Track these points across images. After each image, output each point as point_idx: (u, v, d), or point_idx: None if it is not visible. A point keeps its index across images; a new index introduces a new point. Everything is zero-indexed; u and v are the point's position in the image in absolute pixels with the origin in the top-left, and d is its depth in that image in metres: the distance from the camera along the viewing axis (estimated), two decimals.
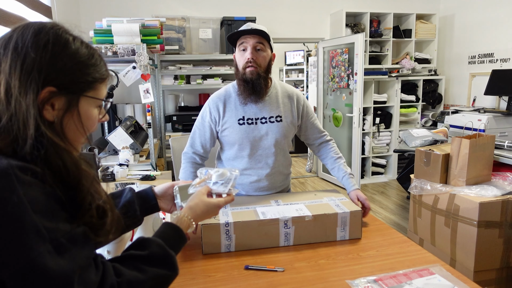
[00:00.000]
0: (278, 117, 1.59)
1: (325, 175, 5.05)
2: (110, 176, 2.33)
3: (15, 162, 0.59)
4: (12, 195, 0.56)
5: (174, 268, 0.77)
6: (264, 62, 1.52)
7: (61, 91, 0.66)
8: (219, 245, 1.26)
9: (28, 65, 0.63)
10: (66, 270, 0.57)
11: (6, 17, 2.03)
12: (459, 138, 2.22)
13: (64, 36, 0.68)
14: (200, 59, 4.09)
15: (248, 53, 1.49)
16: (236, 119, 1.58)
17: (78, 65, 0.69)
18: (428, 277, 1.09)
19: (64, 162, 0.64)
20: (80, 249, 0.62)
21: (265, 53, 1.52)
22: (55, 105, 0.66)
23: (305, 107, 1.67)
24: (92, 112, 0.74)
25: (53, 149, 0.64)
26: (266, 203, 1.45)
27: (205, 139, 1.64)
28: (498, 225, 2.07)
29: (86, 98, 0.71)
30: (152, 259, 0.74)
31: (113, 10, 3.99)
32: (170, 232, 0.84)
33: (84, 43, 0.72)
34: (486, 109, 3.98)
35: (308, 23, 4.72)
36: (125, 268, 0.69)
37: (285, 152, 1.69)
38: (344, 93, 4.55)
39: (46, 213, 0.59)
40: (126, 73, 2.50)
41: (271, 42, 1.54)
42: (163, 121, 4.06)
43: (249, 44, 1.49)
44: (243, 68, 1.51)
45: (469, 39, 4.62)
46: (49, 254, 0.57)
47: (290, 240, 1.31)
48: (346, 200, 1.48)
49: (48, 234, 0.57)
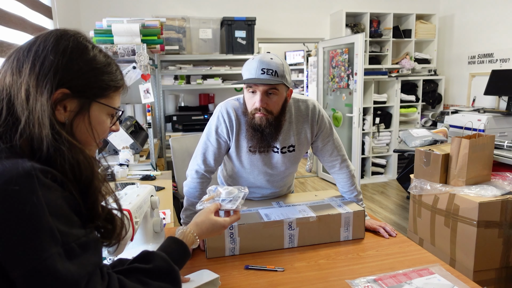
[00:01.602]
0: (291, 147, 1.44)
1: (325, 175, 5.06)
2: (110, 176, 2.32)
3: (38, 165, 0.61)
4: (32, 196, 0.57)
5: (177, 283, 0.77)
6: (276, 107, 1.31)
7: (75, 94, 0.69)
8: (223, 249, 1.25)
9: (46, 66, 0.66)
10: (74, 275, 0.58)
11: (6, 17, 2.03)
12: (459, 138, 2.22)
13: (83, 43, 0.72)
14: (200, 59, 4.09)
15: (257, 100, 1.27)
16: (247, 146, 1.42)
17: (94, 71, 0.71)
18: (428, 276, 1.09)
19: (78, 160, 0.66)
20: (90, 256, 0.63)
21: (278, 96, 1.29)
22: (67, 107, 0.69)
23: (321, 128, 1.46)
24: (104, 119, 0.75)
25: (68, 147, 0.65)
26: (268, 205, 1.44)
27: (220, 154, 1.45)
28: (497, 225, 2.08)
29: (99, 104, 0.73)
30: (156, 273, 0.75)
31: (113, 10, 4.00)
32: (174, 246, 0.86)
33: (103, 52, 0.75)
34: (485, 109, 3.98)
35: (308, 23, 4.72)
36: (129, 281, 0.70)
37: (295, 170, 1.59)
38: (344, 93, 4.56)
39: (62, 217, 0.60)
40: (126, 73, 2.50)
41: (288, 80, 1.30)
42: (163, 121, 4.06)
43: (258, 90, 1.27)
44: (251, 113, 1.31)
45: (468, 39, 4.62)
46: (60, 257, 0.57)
47: (295, 241, 1.30)
48: (347, 200, 1.48)
49: (61, 238, 0.58)
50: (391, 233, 1.40)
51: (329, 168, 1.55)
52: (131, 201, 1.15)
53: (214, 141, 1.43)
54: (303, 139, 1.46)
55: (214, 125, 1.42)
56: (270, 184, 1.54)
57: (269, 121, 1.30)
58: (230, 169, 1.56)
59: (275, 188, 1.57)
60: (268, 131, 1.31)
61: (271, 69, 1.24)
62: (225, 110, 1.40)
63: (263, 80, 1.24)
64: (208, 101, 4.42)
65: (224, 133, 1.41)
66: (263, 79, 1.24)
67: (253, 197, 1.58)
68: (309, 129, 1.45)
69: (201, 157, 1.45)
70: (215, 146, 1.43)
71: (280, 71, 1.26)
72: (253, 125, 1.32)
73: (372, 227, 1.43)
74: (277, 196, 1.60)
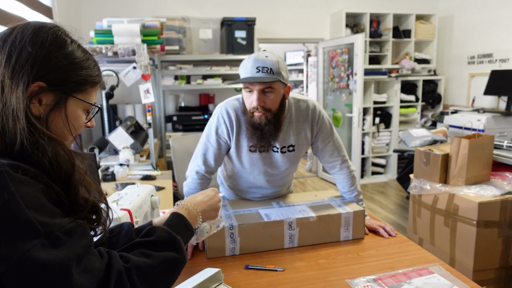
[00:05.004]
0: (291, 146, 1.45)
1: (325, 175, 5.06)
2: (110, 176, 2.33)
3: (6, 160, 0.60)
4: (3, 191, 0.56)
5: (182, 251, 0.77)
6: (274, 105, 1.31)
7: (51, 87, 0.68)
8: (224, 249, 1.25)
9: (23, 58, 0.65)
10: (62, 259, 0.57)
11: (6, 17, 2.04)
12: (459, 138, 2.22)
13: (62, 37, 0.71)
14: (200, 59, 4.09)
15: (254, 98, 1.28)
16: (248, 146, 1.43)
17: (72, 65, 0.70)
18: (428, 276, 1.10)
19: (57, 153, 0.65)
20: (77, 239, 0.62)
21: (275, 94, 1.30)
22: (42, 100, 0.67)
23: (321, 128, 1.46)
24: (80, 115, 0.74)
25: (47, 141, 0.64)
26: (268, 205, 1.45)
27: (220, 155, 1.46)
28: (497, 225, 2.08)
29: (75, 99, 0.72)
30: (159, 244, 0.74)
31: (114, 10, 4.00)
32: (174, 220, 0.85)
33: (81, 47, 0.74)
34: (485, 109, 3.99)
35: (308, 24, 4.72)
36: (132, 255, 0.70)
37: (295, 170, 1.60)
38: (343, 93, 4.56)
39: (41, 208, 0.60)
40: (127, 73, 2.50)
41: (284, 77, 1.30)
42: (164, 121, 4.06)
43: (255, 89, 1.28)
44: (250, 111, 1.33)
45: (468, 40, 4.63)
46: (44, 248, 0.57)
47: (295, 241, 1.31)
48: (347, 200, 1.49)
49: (43, 229, 0.58)
50: (391, 233, 1.41)
51: (330, 169, 1.55)
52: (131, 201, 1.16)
53: (214, 142, 1.43)
54: (303, 139, 1.46)
55: (214, 125, 1.42)
56: (270, 184, 1.54)
57: (268, 119, 1.31)
58: (230, 169, 1.57)
59: (275, 187, 1.57)
60: (267, 128, 1.32)
61: (266, 67, 1.25)
62: (225, 111, 1.40)
63: (258, 78, 1.25)
64: (208, 101, 4.42)
65: (224, 133, 1.41)
66: (258, 77, 1.25)
67: (253, 197, 1.59)
68: (309, 129, 1.45)
69: (202, 158, 1.45)
70: (215, 147, 1.43)
71: (275, 68, 1.26)
72: (253, 124, 1.33)
73: (372, 227, 1.44)
74: (277, 196, 1.61)
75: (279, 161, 1.47)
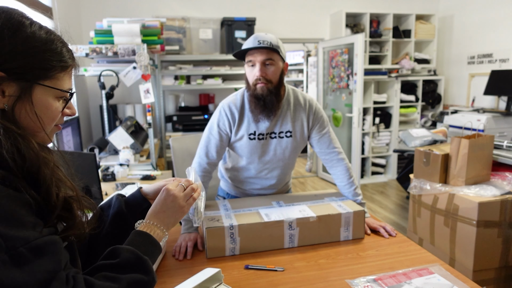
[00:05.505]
0: (289, 132, 1.55)
1: (325, 175, 5.06)
2: (110, 176, 2.33)
3: None
4: None
5: (150, 272, 0.70)
6: (275, 77, 1.45)
7: (12, 76, 0.62)
8: (224, 249, 1.26)
9: None
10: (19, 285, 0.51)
11: None
12: (458, 138, 2.22)
13: (17, 19, 0.63)
14: (200, 59, 4.09)
15: (257, 70, 1.42)
16: (248, 134, 1.53)
17: (32, 50, 0.63)
18: (428, 276, 1.10)
19: (17, 147, 0.60)
20: (43, 262, 0.56)
21: (275, 67, 1.44)
22: (5, 91, 0.62)
23: (317, 119, 1.57)
24: (51, 103, 0.68)
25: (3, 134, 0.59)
26: (268, 205, 1.45)
27: (221, 147, 1.55)
28: (497, 225, 2.08)
29: (42, 87, 0.66)
30: (124, 265, 0.68)
31: (114, 10, 4.00)
32: (139, 239, 0.77)
33: (44, 28, 0.67)
34: (485, 109, 3.99)
35: (308, 24, 4.73)
36: (96, 279, 0.64)
37: (292, 164, 1.66)
38: (343, 93, 4.56)
39: (6, 219, 0.54)
40: (127, 73, 2.50)
41: (282, 52, 1.45)
42: (164, 121, 4.06)
43: (257, 60, 1.42)
44: (253, 84, 1.45)
45: (468, 40, 4.63)
46: (3, 265, 0.51)
47: (295, 241, 1.31)
48: (347, 200, 1.49)
49: (4, 243, 0.52)
50: (391, 233, 1.41)
51: (328, 162, 1.61)
52: None
53: (216, 134, 1.54)
54: (299, 126, 1.56)
55: (216, 119, 1.55)
56: (269, 173, 1.61)
57: (270, 89, 1.44)
58: (231, 160, 1.65)
59: (273, 179, 1.63)
60: (269, 99, 1.44)
61: (266, 40, 1.41)
62: (227, 106, 1.53)
63: (260, 47, 1.39)
64: (208, 101, 4.43)
65: (226, 126, 1.53)
66: (260, 46, 1.39)
67: (253, 188, 1.66)
68: (305, 118, 1.56)
69: (204, 150, 1.55)
70: (217, 139, 1.54)
71: (274, 42, 1.42)
72: (255, 95, 1.45)
73: (372, 226, 1.45)
74: (275, 190, 1.67)
75: (277, 147, 1.56)
